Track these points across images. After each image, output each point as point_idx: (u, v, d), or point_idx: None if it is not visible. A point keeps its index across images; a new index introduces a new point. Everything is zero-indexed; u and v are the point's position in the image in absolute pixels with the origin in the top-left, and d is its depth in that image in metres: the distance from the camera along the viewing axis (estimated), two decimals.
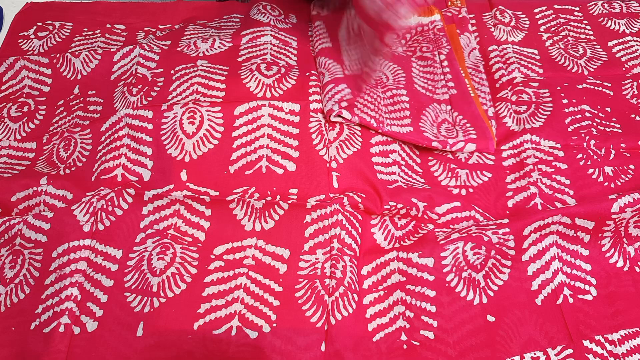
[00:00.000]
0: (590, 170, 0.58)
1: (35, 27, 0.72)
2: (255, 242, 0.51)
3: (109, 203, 0.53)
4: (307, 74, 0.62)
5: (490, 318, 0.50)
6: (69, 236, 0.51)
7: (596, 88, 0.66)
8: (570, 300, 0.51)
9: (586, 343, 0.49)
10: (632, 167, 0.58)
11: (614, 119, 0.63)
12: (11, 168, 0.59)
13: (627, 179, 0.58)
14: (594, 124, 0.62)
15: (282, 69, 0.62)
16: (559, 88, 0.65)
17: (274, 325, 0.47)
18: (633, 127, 0.62)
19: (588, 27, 0.73)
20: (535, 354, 0.48)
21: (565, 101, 0.64)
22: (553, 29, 0.73)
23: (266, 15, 0.69)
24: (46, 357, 0.46)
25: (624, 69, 0.68)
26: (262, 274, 0.50)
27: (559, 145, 0.60)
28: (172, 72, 0.62)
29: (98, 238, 0.51)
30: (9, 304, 0.50)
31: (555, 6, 0.75)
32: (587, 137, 0.60)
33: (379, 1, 0.49)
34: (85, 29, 0.72)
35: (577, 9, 0.75)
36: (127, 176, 0.56)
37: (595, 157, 0.59)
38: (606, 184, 0.57)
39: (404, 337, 0.49)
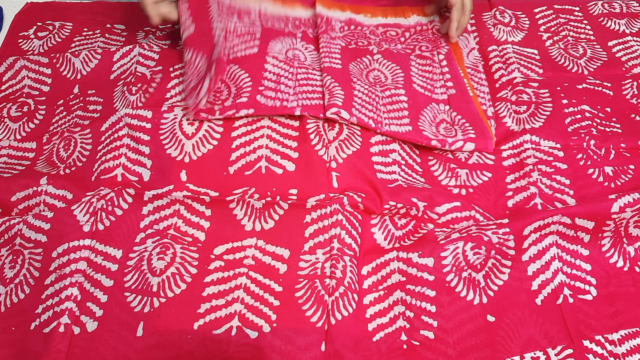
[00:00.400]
0: (590, 170, 0.58)
1: (35, 27, 0.72)
2: (255, 242, 0.51)
3: (109, 203, 0.53)
4: None
5: (490, 318, 0.50)
6: (69, 236, 0.51)
7: (596, 88, 0.66)
8: (570, 300, 0.51)
9: (586, 343, 0.49)
10: (632, 167, 0.58)
11: (614, 119, 0.63)
12: (11, 168, 0.59)
13: (627, 179, 0.58)
14: (594, 124, 0.62)
15: None
16: (558, 88, 0.65)
17: (274, 325, 0.47)
18: (633, 127, 0.62)
19: (588, 27, 0.73)
20: (535, 354, 0.48)
21: (565, 101, 0.64)
22: (553, 29, 0.73)
23: None
24: (46, 357, 0.46)
25: (624, 69, 0.68)
26: (262, 274, 0.50)
27: (558, 146, 0.60)
28: (171, 69, 0.62)
29: (98, 238, 0.51)
30: (9, 304, 0.50)
31: (555, 6, 0.75)
32: (587, 137, 0.60)
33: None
34: (85, 29, 0.72)
35: (577, 9, 0.75)
36: (127, 176, 0.56)
37: (595, 157, 0.59)
38: (606, 184, 0.57)
39: (404, 337, 0.49)
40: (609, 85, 0.66)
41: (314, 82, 0.60)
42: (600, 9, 0.75)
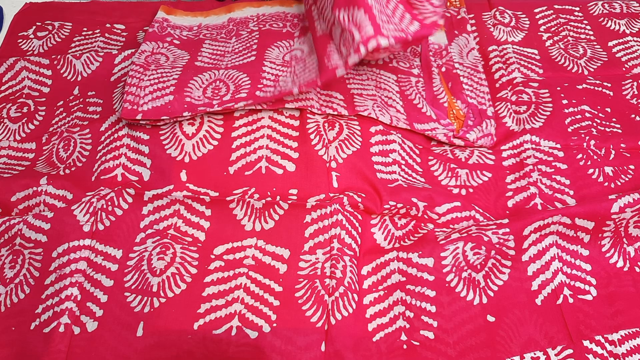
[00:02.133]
0: (590, 170, 0.58)
1: (34, 27, 0.72)
2: (255, 242, 0.51)
3: (109, 203, 0.53)
4: None
5: (490, 318, 0.50)
6: (69, 236, 0.51)
7: (596, 88, 0.66)
8: (570, 300, 0.51)
9: (586, 343, 0.49)
10: (632, 167, 0.58)
11: (614, 119, 0.63)
12: (11, 168, 0.59)
13: (627, 179, 0.58)
14: (594, 124, 0.62)
15: None
16: (559, 88, 0.65)
17: (274, 325, 0.47)
18: (633, 127, 0.62)
19: (588, 27, 0.73)
20: (535, 354, 0.48)
21: (565, 101, 0.64)
22: (553, 29, 0.73)
23: None
24: (46, 357, 0.46)
25: (624, 69, 0.68)
26: (262, 274, 0.50)
27: (558, 146, 0.60)
28: None
29: (98, 238, 0.51)
30: (9, 304, 0.50)
31: (556, 6, 0.75)
32: (587, 137, 0.60)
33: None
34: (85, 29, 0.72)
35: (577, 9, 0.75)
36: (127, 176, 0.56)
37: (595, 157, 0.59)
38: (606, 184, 0.57)
39: (404, 337, 0.49)
40: (609, 85, 0.66)
41: (312, 67, 0.60)
42: (600, 9, 0.75)
